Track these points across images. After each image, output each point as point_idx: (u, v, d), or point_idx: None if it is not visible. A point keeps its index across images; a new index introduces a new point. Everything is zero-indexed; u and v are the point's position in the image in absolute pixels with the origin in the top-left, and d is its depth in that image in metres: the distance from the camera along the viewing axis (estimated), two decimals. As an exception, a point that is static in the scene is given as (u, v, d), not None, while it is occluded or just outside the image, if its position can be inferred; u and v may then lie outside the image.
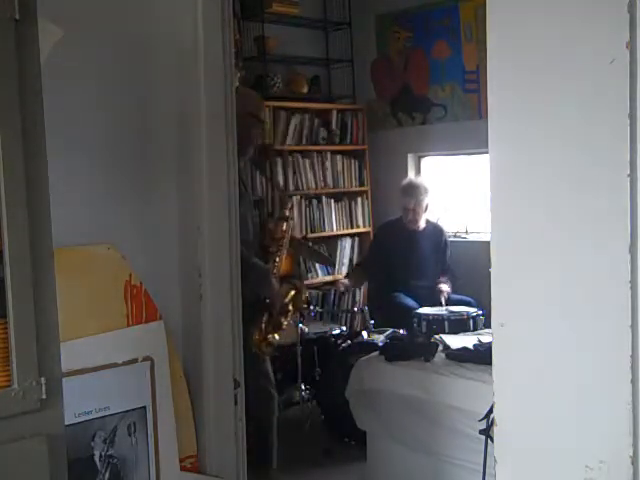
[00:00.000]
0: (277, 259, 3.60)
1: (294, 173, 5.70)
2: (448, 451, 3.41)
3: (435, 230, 5.38)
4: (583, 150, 1.26)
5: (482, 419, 2.71)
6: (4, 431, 1.52)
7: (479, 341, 3.75)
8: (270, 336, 3.50)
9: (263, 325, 3.47)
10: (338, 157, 6.03)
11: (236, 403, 2.73)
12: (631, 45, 1.19)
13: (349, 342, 4.57)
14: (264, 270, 3.49)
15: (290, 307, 3.61)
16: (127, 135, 2.57)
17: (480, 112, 5.48)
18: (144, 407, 2.45)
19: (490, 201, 1.40)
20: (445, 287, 5.11)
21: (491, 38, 1.36)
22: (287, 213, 3.72)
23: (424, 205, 5.20)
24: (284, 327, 3.62)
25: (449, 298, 5.02)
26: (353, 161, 6.12)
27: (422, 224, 5.28)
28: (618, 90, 1.21)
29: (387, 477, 3.71)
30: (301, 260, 5.53)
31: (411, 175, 5.96)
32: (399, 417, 3.60)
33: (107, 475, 2.37)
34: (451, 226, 5.90)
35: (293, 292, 3.61)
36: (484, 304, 4.47)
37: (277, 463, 3.67)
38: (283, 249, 3.63)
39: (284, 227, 3.64)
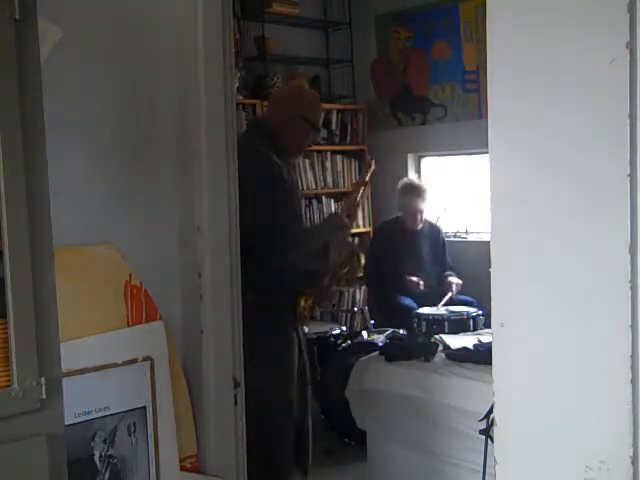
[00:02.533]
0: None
1: (294, 173, 5.69)
2: (448, 451, 3.41)
3: (432, 230, 5.39)
4: (583, 150, 1.26)
5: (482, 419, 2.71)
6: (4, 431, 1.52)
7: (479, 341, 3.75)
8: (316, 305, 3.27)
9: (313, 296, 3.20)
10: (338, 157, 6.03)
11: (236, 403, 2.73)
12: (631, 45, 1.19)
13: (349, 342, 4.57)
14: (332, 224, 3.23)
15: (344, 271, 3.26)
16: (127, 135, 2.57)
17: (480, 112, 5.48)
18: (144, 407, 2.45)
19: (490, 201, 1.39)
20: (455, 279, 5.11)
21: (491, 38, 1.36)
22: (367, 178, 3.42)
23: (423, 205, 5.22)
24: (331, 297, 3.45)
25: (456, 294, 5.03)
26: (353, 161, 6.12)
27: (420, 224, 5.29)
28: (618, 90, 1.21)
29: (387, 477, 3.71)
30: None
31: (410, 176, 5.96)
32: (399, 417, 3.60)
33: (107, 475, 2.37)
34: (451, 226, 5.90)
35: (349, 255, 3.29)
36: (484, 304, 4.47)
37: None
38: (352, 221, 3.34)
39: (360, 192, 3.31)
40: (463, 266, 5.25)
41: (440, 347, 3.79)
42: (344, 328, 4.97)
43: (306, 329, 4.53)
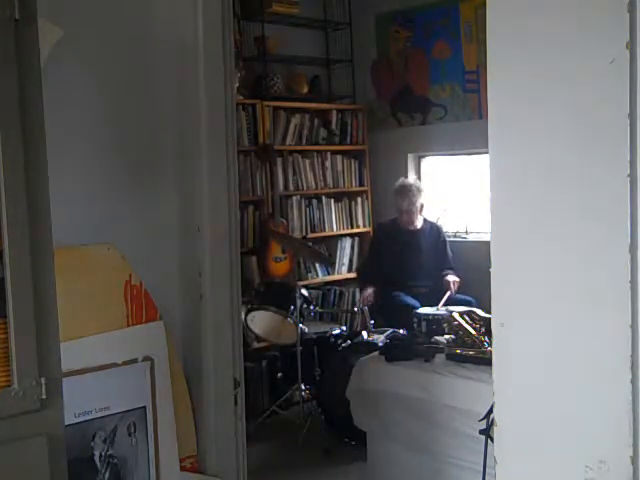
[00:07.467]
0: None
1: (294, 173, 5.70)
2: (448, 451, 3.41)
3: (432, 229, 5.39)
4: (583, 150, 1.26)
5: (482, 419, 2.71)
6: (4, 431, 1.52)
7: (479, 341, 3.75)
8: None
9: None
10: (338, 157, 6.02)
11: (236, 403, 2.73)
12: (631, 45, 1.19)
13: (349, 342, 4.56)
14: None
15: None
16: (127, 135, 2.57)
17: (480, 112, 5.47)
18: (144, 407, 2.45)
19: (490, 201, 1.39)
20: (453, 277, 5.10)
21: (491, 38, 1.36)
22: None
23: (418, 205, 5.23)
24: None
25: (455, 292, 5.02)
26: (353, 161, 6.12)
27: (419, 224, 5.29)
28: (618, 90, 1.21)
29: (387, 477, 3.70)
30: (301, 260, 5.53)
31: (408, 176, 5.95)
32: (399, 417, 3.60)
33: (107, 475, 2.37)
34: (451, 226, 5.90)
35: None
36: (484, 304, 4.47)
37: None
38: None
39: None
40: (463, 266, 5.25)
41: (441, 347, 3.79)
42: (344, 328, 4.97)
43: (306, 329, 4.55)
